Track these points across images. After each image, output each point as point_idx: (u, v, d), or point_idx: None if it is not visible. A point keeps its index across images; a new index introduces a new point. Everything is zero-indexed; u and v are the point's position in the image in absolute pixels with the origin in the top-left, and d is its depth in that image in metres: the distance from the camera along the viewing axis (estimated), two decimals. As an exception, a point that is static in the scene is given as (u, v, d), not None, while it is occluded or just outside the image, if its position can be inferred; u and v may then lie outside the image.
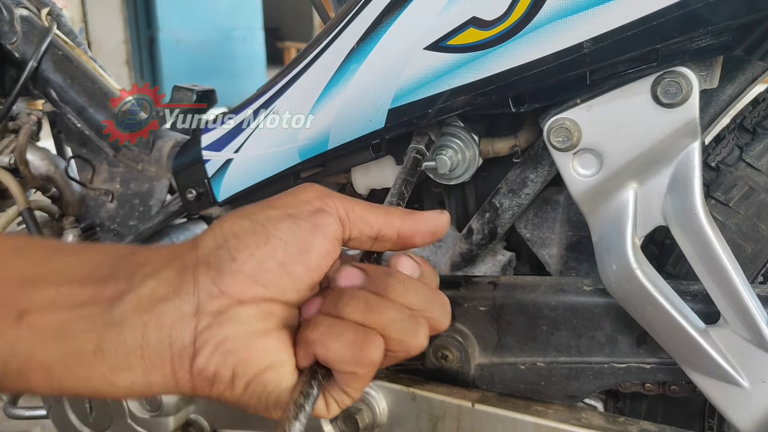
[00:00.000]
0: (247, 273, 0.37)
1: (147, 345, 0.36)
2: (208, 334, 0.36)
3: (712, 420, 0.64)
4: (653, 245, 0.63)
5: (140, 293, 0.36)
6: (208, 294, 0.36)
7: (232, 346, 0.36)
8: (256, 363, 0.37)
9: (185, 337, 0.36)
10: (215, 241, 0.38)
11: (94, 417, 0.80)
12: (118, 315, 0.36)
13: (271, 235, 0.38)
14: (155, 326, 0.36)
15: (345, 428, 0.69)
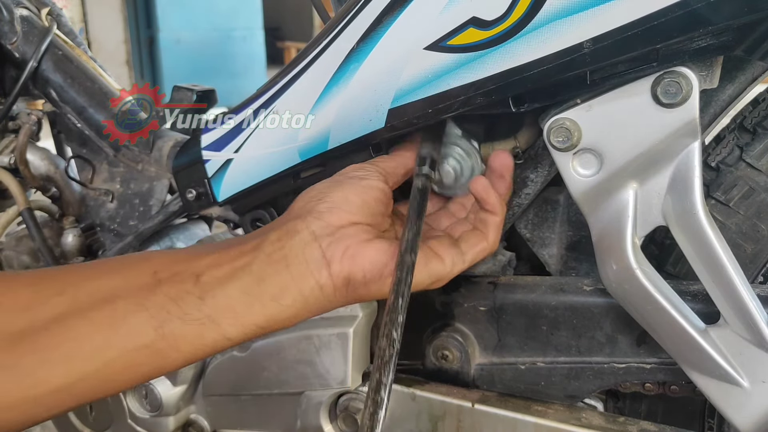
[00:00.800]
0: (339, 207, 0.50)
1: (291, 266, 0.48)
2: (333, 249, 0.49)
3: (712, 420, 0.64)
4: (653, 245, 0.63)
5: (270, 240, 0.49)
6: (317, 226, 0.49)
7: (354, 251, 0.49)
8: (377, 259, 0.49)
9: (316, 254, 0.48)
10: (304, 200, 0.52)
11: (94, 417, 0.80)
12: (263, 256, 0.48)
13: (344, 185, 0.52)
14: (292, 254, 0.48)
15: (345, 428, 0.69)
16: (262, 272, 0.48)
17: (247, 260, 0.48)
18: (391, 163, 0.57)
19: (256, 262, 0.48)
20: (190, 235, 0.92)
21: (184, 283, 0.46)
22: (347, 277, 0.49)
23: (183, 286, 0.46)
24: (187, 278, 0.47)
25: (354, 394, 0.68)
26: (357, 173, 0.54)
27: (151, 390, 0.75)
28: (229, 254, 0.49)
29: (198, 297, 0.46)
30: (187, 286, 0.46)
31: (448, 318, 0.67)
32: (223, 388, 0.75)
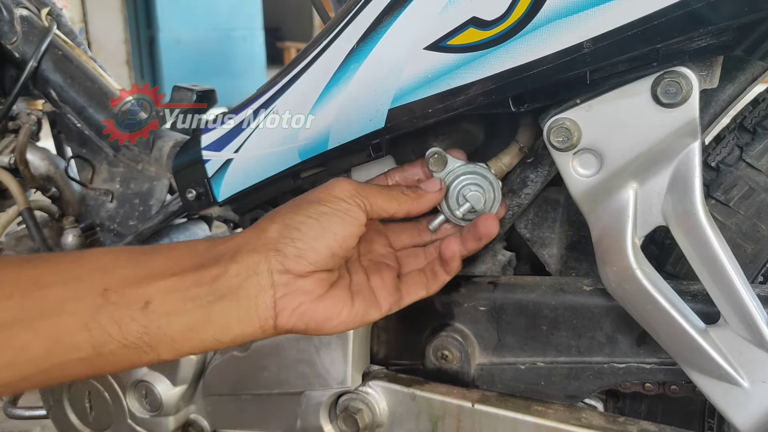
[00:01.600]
0: (305, 257, 0.50)
1: (240, 310, 0.49)
2: (285, 302, 0.50)
3: (712, 420, 0.64)
4: (653, 245, 0.63)
5: (229, 275, 0.49)
6: (278, 272, 0.50)
7: (305, 309, 0.51)
8: (321, 317, 0.52)
9: (267, 302, 0.50)
10: (279, 231, 0.51)
11: (94, 417, 0.80)
12: (218, 293, 0.49)
13: (324, 229, 0.51)
14: (245, 297, 0.49)
15: (345, 428, 0.69)
16: (210, 311, 0.48)
17: (201, 293, 0.48)
18: (383, 203, 0.55)
19: (209, 297, 0.48)
20: (190, 235, 0.92)
21: (131, 308, 0.46)
22: (290, 329, 0.51)
23: (129, 311, 0.46)
24: (135, 302, 0.47)
25: (354, 394, 0.68)
26: (342, 207, 0.52)
27: (151, 390, 0.75)
28: (184, 282, 0.48)
29: (142, 326, 0.47)
30: (134, 312, 0.46)
31: (448, 318, 0.67)
32: (223, 388, 0.75)
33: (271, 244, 0.50)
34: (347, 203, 0.53)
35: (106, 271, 0.48)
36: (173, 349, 0.48)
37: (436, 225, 0.62)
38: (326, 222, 0.51)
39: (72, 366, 0.46)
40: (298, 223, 0.51)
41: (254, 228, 0.52)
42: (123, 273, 0.48)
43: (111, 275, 0.48)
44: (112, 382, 0.77)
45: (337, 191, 0.53)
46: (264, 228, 0.51)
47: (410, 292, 0.60)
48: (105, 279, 0.47)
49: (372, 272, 0.59)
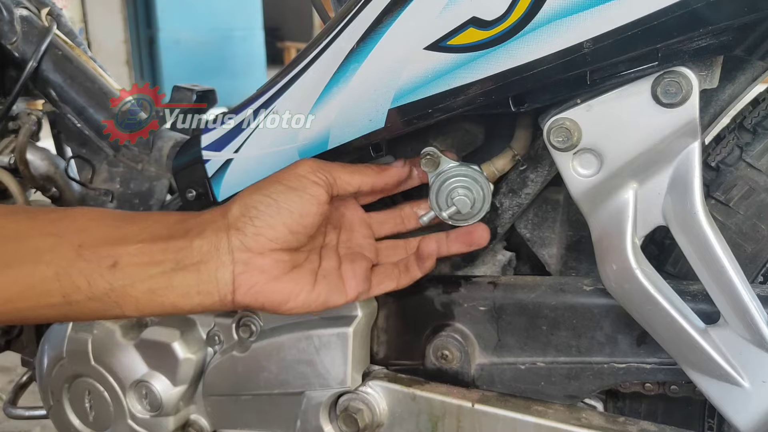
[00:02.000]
0: (263, 234, 0.53)
1: (201, 282, 0.52)
2: (242, 278, 0.53)
3: (712, 420, 0.64)
4: (653, 245, 0.63)
5: (193, 248, 0.52)
6: (238, 249, 0.52)
7: (259, 289, 0.53)
8: (276, 299, 0.54)
9: (226, 277, 0.53)
10: (240, 210, 0.54)
11: (94, 417, 0.80)
12: (181, 263, 0.52)
13: (281, 207, 0.53)
14: (206, 270, 0.52)
15: (345, 428, 0.69)
16: (172, 278, 0.52)
17: (167, 260, 0.52)
18: (347, 176, 0.58)
19: (173, 264, 0.52)
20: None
21: (101, 265, 0.51)
22: (247, 305, 0.54)
23: (99, 268, 0.51)
24: (104, 261, 0.51)
25: (354, 394, 0.68)
26: (302, 184, 0.55)
27: (150, 390, 0.75)
28: (152, 248, 0.52)
29: (108, 283, 0.51)
30: (102, 270, 0.51)
31: (448, 318, 0.67)
32: (223, 388, 0.75)
33: (233, 222, 0.53)
34: (307, 179, 0.55)
35: (84, 230, 0.52)
36: (136, 308, 0.52)
37: (426, 220, 0.62)
38: (283, 200, 0.54)
39: (43, 310, 0.51)
40: (257, 202, 0.54)
41: (221, 207, 0.56)
42: (98, 233, 0.52)
43: (87, 234, 0.52)
44: (112, 382, 0.77)
45: (298, 169, 0.55)
46: (228, 207, 0.55)
47: (380, 283, 0.62)
48: (81, 236, 0.51)
49: (345, 260, 0.60)
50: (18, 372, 1.72)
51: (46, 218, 0.53)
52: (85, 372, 0.79)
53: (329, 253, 0.60)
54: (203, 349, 0.76)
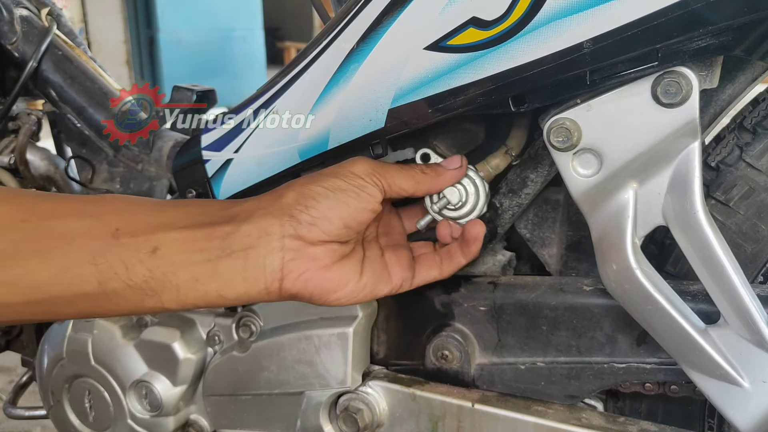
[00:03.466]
0: (318, 225, 0.51)
1: (248, 269, 0.50)
2: (292, 265, 0.51)
3: (712, 420, 0.64)
4: (653, 245, 0.63)
5: (241, 233, 0.50)
6: (290, 236, 0.51)
7: (310, 276, 0.52)
8: (326, 286, 0.53)
9: (275, 264, 0.51)
10: (295, 198, 0.52)
11: (94, 417, 0.80)
12: (228, 249, 0.50)
13: (339, 200, 0.52)
14: (254, 256, 0.50)
15: (345, 428, 0.69)
16: (218, 265, 0.50)
17: (212, 246, 0.49)
18: (403, 181, 0.56)
19: (218, 251, 0.50)
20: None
21: (140, 250, 0.48)
22: (294, 294, 0.52)
23: (138, 254, 0.48)
24: (144, 246, 0.48)
25: (354, 394, 0.68)
26: (359, 183, 0.53)
27: (151, 390, 0.75)
28: (196, 235, 0.50)
29: (148, 269, 0.48)
30: (142, 255, 0.48)
31: (448, 318, 0.67)
32: (223, 388, 0.75)
33: (286, 209, 0.51)
34: (364, 181, 0.54)
35: (120, 213, 0.49)
36: (177, 297, 0.49)
37: (423, 224, 0.62)
38: (341, 195, 0.52)
39: (76, 300, 0.47)
40: (315, 192, 0.52)
41: (271, 193, 0.54)
42: (136, 217, 0.49)
43: (124, 217, 0.49)
44: (112, 382, 0.77)
45: (355, 168, 0.54)
46: (281, 194, 0.53)
47: (423, 272, 0.61)
48: (118, 220, 0.48)
49: (387, 250, 0.60)
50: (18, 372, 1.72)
51: (78, 200, 0.51)
52: (85, 372, 0.79)
53: (371, 244, 0.60)
54: (203, 349, 0.76)
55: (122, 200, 0.52)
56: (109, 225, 0.48)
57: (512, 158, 0.62)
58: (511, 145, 0.61)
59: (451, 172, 0.59)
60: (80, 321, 0.78)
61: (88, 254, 0.47)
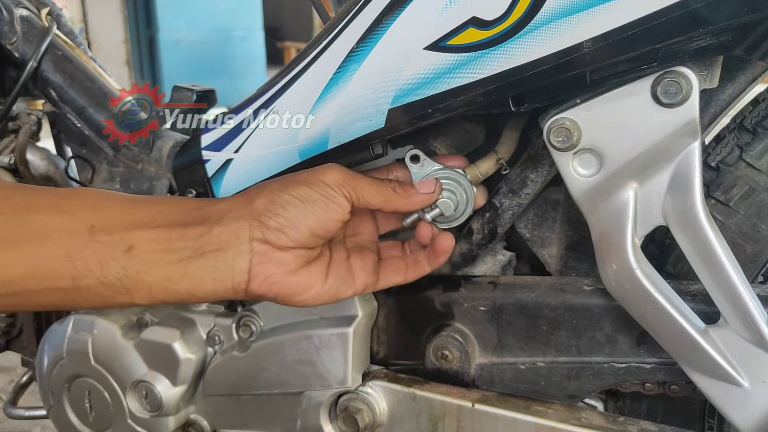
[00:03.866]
0: (286, 233, 0.52)
1: (216, 270, 0.51)
2: (259, 269, 0.52)
3: (712, 420, 0.64)
4: (653, 245, 0.63)
5: (212, 235, 0.51)
6: (258, 241, 0.52)
7: (276, 279, 0.53)
8: (292, 290, 0.54)
9: (243, 266, 0.52)
10: (265, 205, 0.53)
11: (94, 417, 0.80)
12: (199, 250, 0.51)
13: (307, 210, 0.53)
14: (223, 258, 0.51)
15: (345, 428, 0.69)
16: (188, 265, 0.51)
17: (184, 247, 0.51)
18: (372, 196, 0.56)
19: (190, 252, 0.51)
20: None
21: (115, 249, 0.49)
22: (260, 295, 0.54)
23: (113, 252, 0.49)
24: (119, 244, 0.49)
25: (354, 394, 0.68)
26: (328, 193, 0.54)
27: (151, 390, 0.75)
28: (170, 234, 0.51)
29: (122, 267, 0.49)
30: (117, 253, 0.49)
31: (448, 318, 0.67)
32: (223, 388, 0.75)
33: (256, 214, 0.52)
34: (333, 191, 0.54)
35: (95, 209, 0.50)
36: (148, 295, 0.51)
37: (409, 222, 0.62)
38: (310, 205, 0.53)
39: (48, 294, 0.48)
40: (284, 201, 0.53)
41: (242, 196, 0.54)
42: (111, 214, 0.50)
43: (100, 214, 0.50)
44: (112, 382, 0.77)
45: (326, 177, 0.54)
46: (252, 198, 0.53)
47: (387, 277, 0.62)
48: (93, 216, 0.49)
49: (353, 253, 0.61)
50: (18, 372, 1.72)
51: (53, 193, 0.51)
52: (85, 372, 0.79)
53: (338, 246, 0.61)
54: (203, 349, 0.76)
55: (97, 195, 0.52)
56: (85, 221, 0.48)
57: (502, 166, 0.62)
58: (501, 151, 0.62)
59: (421, 196, 0.59)
60: (81, 321, 0.78)
61: (63, 250, 0.47)
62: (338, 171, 0.55)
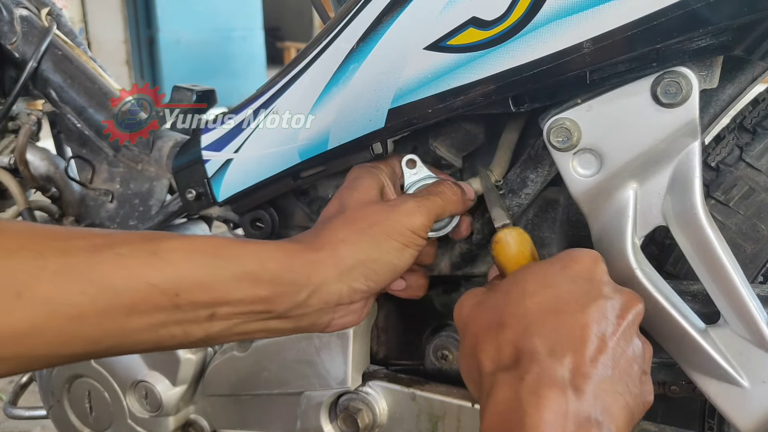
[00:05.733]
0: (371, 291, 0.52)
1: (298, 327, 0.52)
2: (339, 322, 0.53)
3: (712, 420, 0.64)
4: (653, 245, 0.63)
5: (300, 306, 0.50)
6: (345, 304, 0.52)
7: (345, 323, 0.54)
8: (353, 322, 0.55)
9: (324, 321, 0.52)
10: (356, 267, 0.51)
11: (94, 417, 0.80)
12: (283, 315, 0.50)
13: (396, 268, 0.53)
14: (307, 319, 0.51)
15: (345, 428, 0.69)
16: (270, 323, 0.51)
17: (268, 312, 0.50)
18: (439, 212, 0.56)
19: (274, 316, 0.50)
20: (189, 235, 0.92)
21: (198, 317, 0.48)
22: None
23: (196, 320, 0.48)
24: (202, 313, 0.48)
25: (354, 395, 0.68)
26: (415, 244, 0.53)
27: (151, 390, 0.75)
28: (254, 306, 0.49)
29: (204, 331, 0.48)
30: (200, 321, 0.48)
31: (448, 318, 0.67)
32: (223, 388, 0.75)
33: (346, 278, 0.51)
34: (421, 239, 0.53)
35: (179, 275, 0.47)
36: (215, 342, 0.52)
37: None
38: (399, 260, 0.52)
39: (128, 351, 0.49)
40: (378, 264, 0.52)
41: (332, 252, 0.51)
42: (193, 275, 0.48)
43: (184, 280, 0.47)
44: (112, 382, 0.77)
45: (414, 224, 0.53)
46: (342, 256, 0.51)
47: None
48: (178, 283, 0.47)
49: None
50: (18, 372, 1.71)
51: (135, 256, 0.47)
52: (85, 372, 0.79)
53: None
54: (203, 349, 0.76)
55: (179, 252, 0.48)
56: (168, 291, 0.46)
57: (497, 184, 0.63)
58: (496, 173, 0.62)
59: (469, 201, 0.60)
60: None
61: (148, 324, 0.46)
62: (424, 214, 0.53)
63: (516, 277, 0.50)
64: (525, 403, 0.41)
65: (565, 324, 0.44)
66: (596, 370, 0.42)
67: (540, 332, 0.44)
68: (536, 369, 0.42)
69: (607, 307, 0.45)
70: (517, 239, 0.55)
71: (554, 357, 0.43)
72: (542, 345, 0.43)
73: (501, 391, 0.43)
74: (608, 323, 0.44)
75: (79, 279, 0.44)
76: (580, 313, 0.44)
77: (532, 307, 0.46)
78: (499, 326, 0.46)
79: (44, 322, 0.43)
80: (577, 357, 0.43)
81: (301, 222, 0.74)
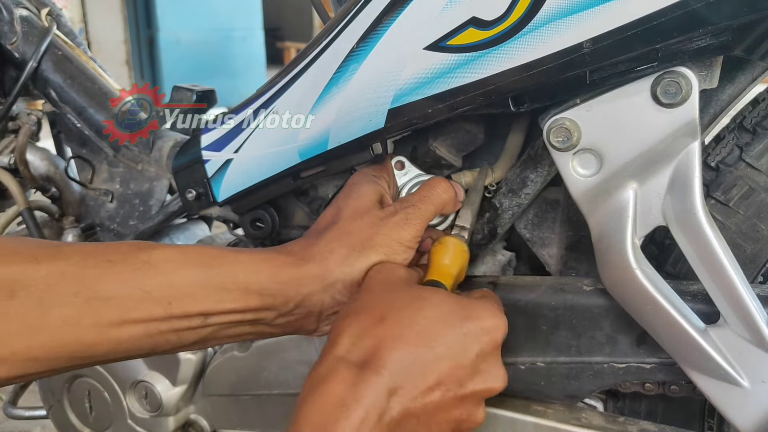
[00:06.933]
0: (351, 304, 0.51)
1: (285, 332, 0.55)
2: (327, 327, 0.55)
3: (712, 420, 0.64)
4: (653, 245, 0.63)
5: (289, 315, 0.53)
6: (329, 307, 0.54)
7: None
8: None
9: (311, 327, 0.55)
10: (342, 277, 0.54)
11: (94, 417, 0.80)
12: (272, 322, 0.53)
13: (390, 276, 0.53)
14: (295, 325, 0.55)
15: (345, 428, 0.69)
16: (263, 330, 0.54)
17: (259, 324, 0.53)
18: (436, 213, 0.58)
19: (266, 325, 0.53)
20: (189, 235, 0.92)
21: (192, 323, 0.50)
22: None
23: (189, 325, 0.50)
24: (195, 320, 0.50)
25: (354, 394, 0.68)
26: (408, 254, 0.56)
27: (151, 390, 0.75)
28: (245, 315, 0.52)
29: (197, 334, 0.51)
30: (193, 327, 0.50)
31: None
32: (223, 388, 0.75)
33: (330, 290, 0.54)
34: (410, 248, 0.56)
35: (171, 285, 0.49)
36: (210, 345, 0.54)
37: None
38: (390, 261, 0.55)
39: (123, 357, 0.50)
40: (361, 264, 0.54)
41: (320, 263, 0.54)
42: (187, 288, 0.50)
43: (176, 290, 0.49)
44: (112, 383, 0.77)
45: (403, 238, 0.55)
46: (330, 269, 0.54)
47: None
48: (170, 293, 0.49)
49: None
50: (18, 372, 1.71)
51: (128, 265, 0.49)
52: (85, 372, 0.79)
53: None
54: (203, 349, 0.76)
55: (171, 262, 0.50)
56: (162, 300, 0.48)
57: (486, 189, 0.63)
58: (497, 175, 0.63)
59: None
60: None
61: (143, 330, 0.48)
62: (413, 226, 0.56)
63: (428, 293, 0.50)
64: (346, 407, 0.41)
65: (425, 362, 0.45)
66: (416, 409, 0.44)
67: (403, 351, 0.44)
68: (374, 380, 0.42)
69: (465, 377, 0.46)
70: (456, 253, 0.56)
71: (393, 382, 0.43)
72: (394, 364, 0.44)
73: (335, 382, 0.43)
74: (458, 388, 0.46)
75: (72, 281, 0.46)
76: (444, 363, 0.45)
77: (415, 326, 0.46)
78: (380, 319, 0.46)
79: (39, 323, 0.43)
80: (410, 392, 0.44)
81: (301, 222, 0.74)
